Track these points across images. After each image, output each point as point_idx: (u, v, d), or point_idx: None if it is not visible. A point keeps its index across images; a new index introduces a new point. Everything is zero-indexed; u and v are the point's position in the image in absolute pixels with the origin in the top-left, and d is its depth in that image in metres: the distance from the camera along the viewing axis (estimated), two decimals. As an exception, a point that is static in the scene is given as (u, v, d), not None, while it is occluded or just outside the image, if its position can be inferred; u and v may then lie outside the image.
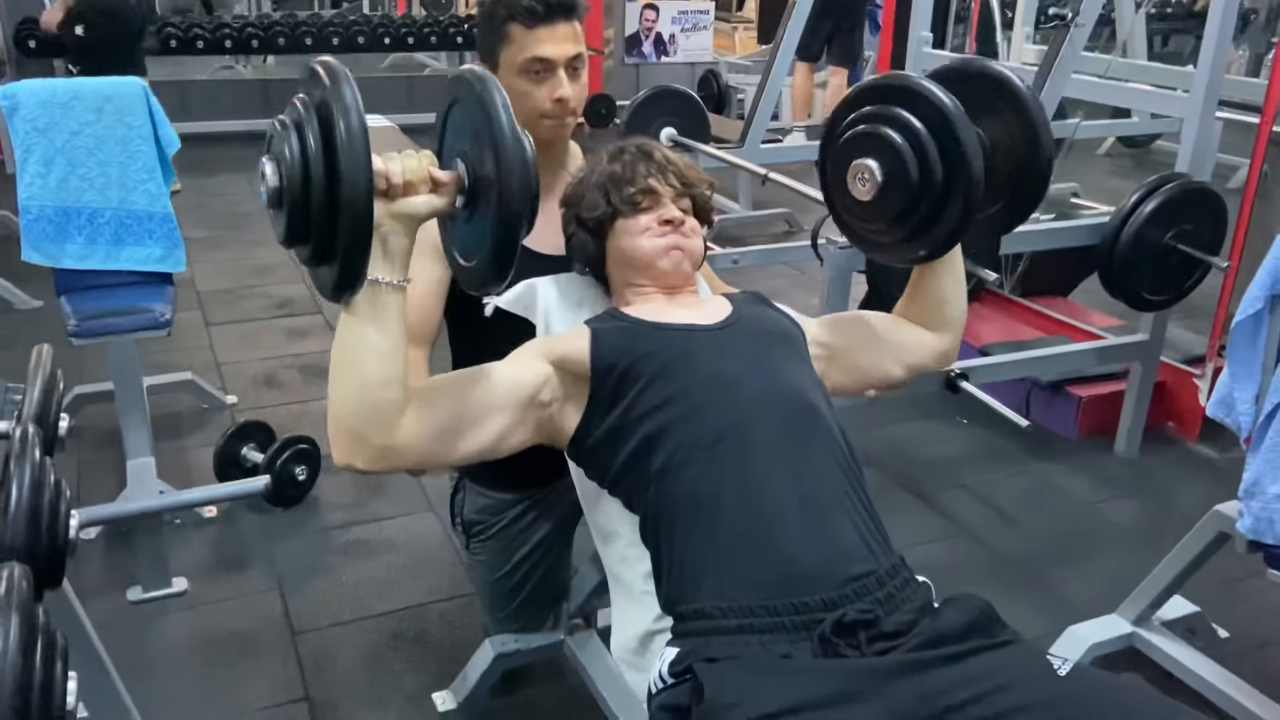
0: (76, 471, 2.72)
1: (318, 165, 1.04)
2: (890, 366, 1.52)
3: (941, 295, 1.51)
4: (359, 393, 1.15)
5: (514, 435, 1.29)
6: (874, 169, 1.32)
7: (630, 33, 7.19)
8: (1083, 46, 2.72)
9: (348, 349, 1.15)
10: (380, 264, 1.13)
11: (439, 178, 1.15)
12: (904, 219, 1.34)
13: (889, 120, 1.32)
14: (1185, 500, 2.77)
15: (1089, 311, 3.56)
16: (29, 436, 1.20)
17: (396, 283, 1.14)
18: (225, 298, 4.13)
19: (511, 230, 1.12)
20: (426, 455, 1.22)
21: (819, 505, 1.23)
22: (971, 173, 1.29)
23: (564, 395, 1.33)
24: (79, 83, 2.45)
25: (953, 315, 1.53)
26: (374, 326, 1.14)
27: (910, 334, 1.53)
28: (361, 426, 1.16)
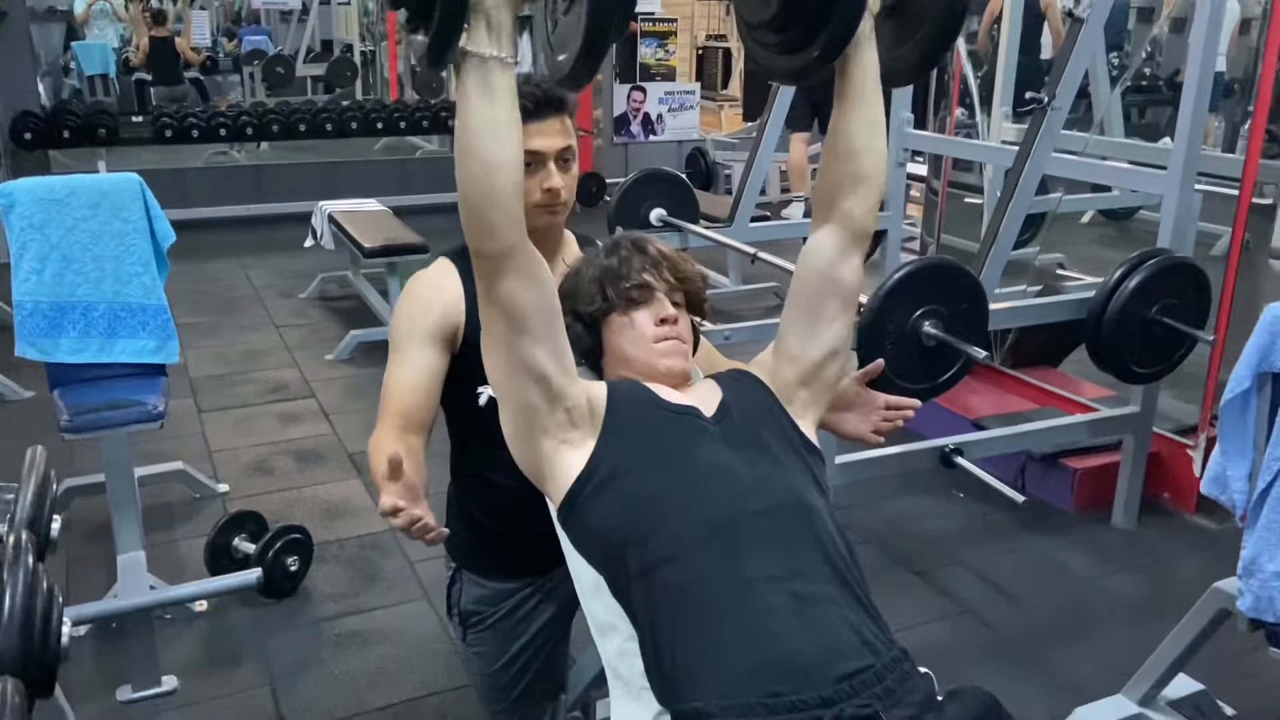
0: (66, 567, 2.69)
1: None
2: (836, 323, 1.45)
3: (850, 141, 1.42)
4: (482, 175, 1.17)
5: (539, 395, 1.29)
6: None
7: (619, 113, 7.34)
8: (1060, 127, 2.78)
9: (466, 129, 1.17)
10: (485, 40, 1.14)
11: None
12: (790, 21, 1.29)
13: None
14: (1185, 573, 2.75)
15: (1079, 382, 3.58)
16: (22, 544, 1.19)
17: (503, 58, 1.16)
18: (217, 384, 4.13)
19: (602, 19, 1.13)
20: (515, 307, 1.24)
21: (813, 603, 1.22)
22: None
23: (578, 432, 1.32)
24: (76, 180, 2.49)
25: (865, 170, 1.43)
26: (487, 104, 1.16)
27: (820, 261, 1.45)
28: (489, 215, 1.18)
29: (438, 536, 1.28)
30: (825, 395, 1.48)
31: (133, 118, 7.48)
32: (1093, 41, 2.81)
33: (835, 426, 1.58)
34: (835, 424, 1.58)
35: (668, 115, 7.50)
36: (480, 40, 1.14)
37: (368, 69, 10.13)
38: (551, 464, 1.33)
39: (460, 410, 1.65)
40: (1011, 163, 2.89)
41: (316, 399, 3.98)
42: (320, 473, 3.35)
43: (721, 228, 4.24)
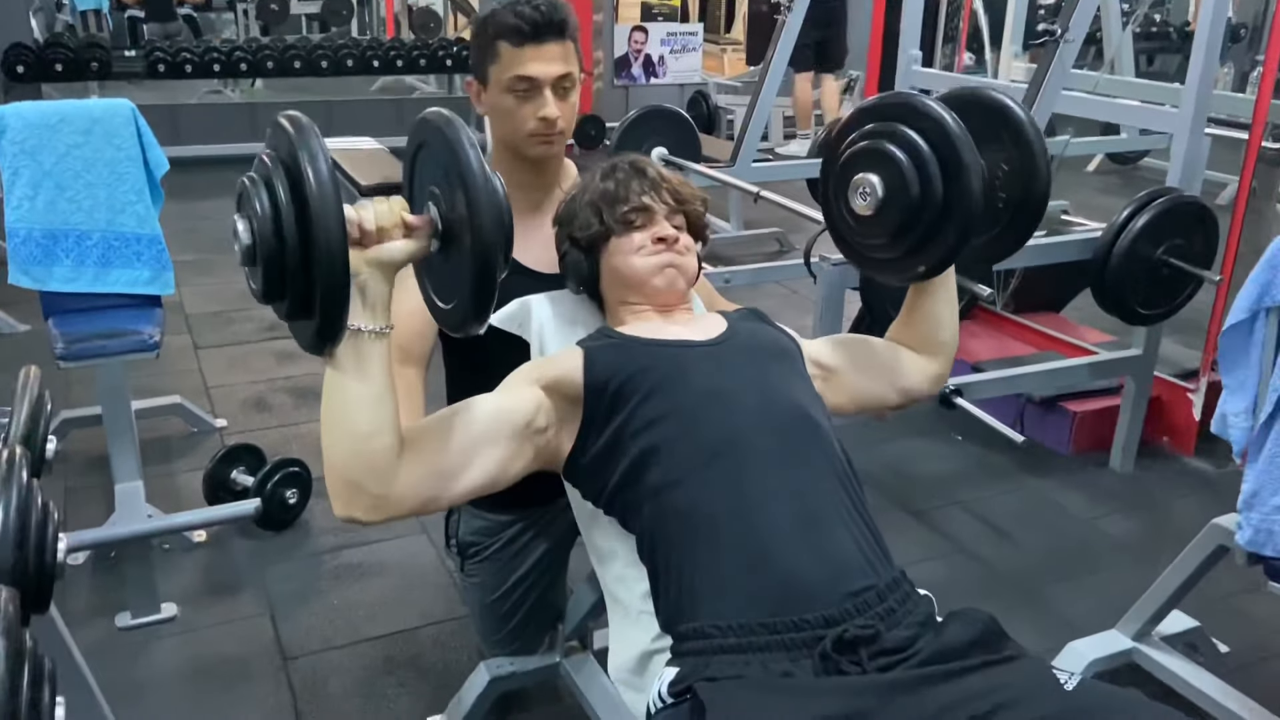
0: (64, 497, 2.69)
1: (289, 219, 1.03)
2: (885, 391, 1.52)
3: (936, 318, 1.50)
4: (351, 445, 1.13)
5: (514, 465, 1.27)
6: (875, 183, 1.32)
7: (619, 55, 7.23)
8: (1072, 63, 2.73)
9: (335, 402, 1.13)
10: (360, 313, 1.11)
11: (411, 222, 1.13)
12: (903, 234, 1.34)
13: (892, 136, 1.32)
14: (1182, 515, 2.76)
15: (1081, 327, 3.56)
16: (16, 459, 1.18)
17: (378, 330, 1.12)
18: (214, 321, 4.11)
19: (488, 270, 1.09)
20: (427, 499, 1.20)
21: (817, 520, 1.22)
22: (971, 190, 1.29)
23: (559, 418, 1.31)
24: (67, 105, 2.44)
25: (945, 339, 1.53)
26: (358, 377, 1.12)
27: (904, 358, 1.53)
28: (357, 478, 1.14)
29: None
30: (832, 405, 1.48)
31: (125, 52, 7.36)
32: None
33: None
34: None
35: (669, 57, 7.39)
36: (356, 314, 1.10)
37: (364, 7, 9.96)
38: (551, 454, 1.33)
39: (459, 344, 1.64)
40: (1021, 99, 2.84)
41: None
42: (317, 410, 3.29)
43: (724, 168, 4.19)
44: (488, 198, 1.08)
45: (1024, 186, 1.44)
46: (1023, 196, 1.44)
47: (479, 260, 1.09)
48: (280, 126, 1.07)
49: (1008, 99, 1.46)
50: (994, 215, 1.44)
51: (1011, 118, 1.43)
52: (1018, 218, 1.47)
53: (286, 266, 1.04)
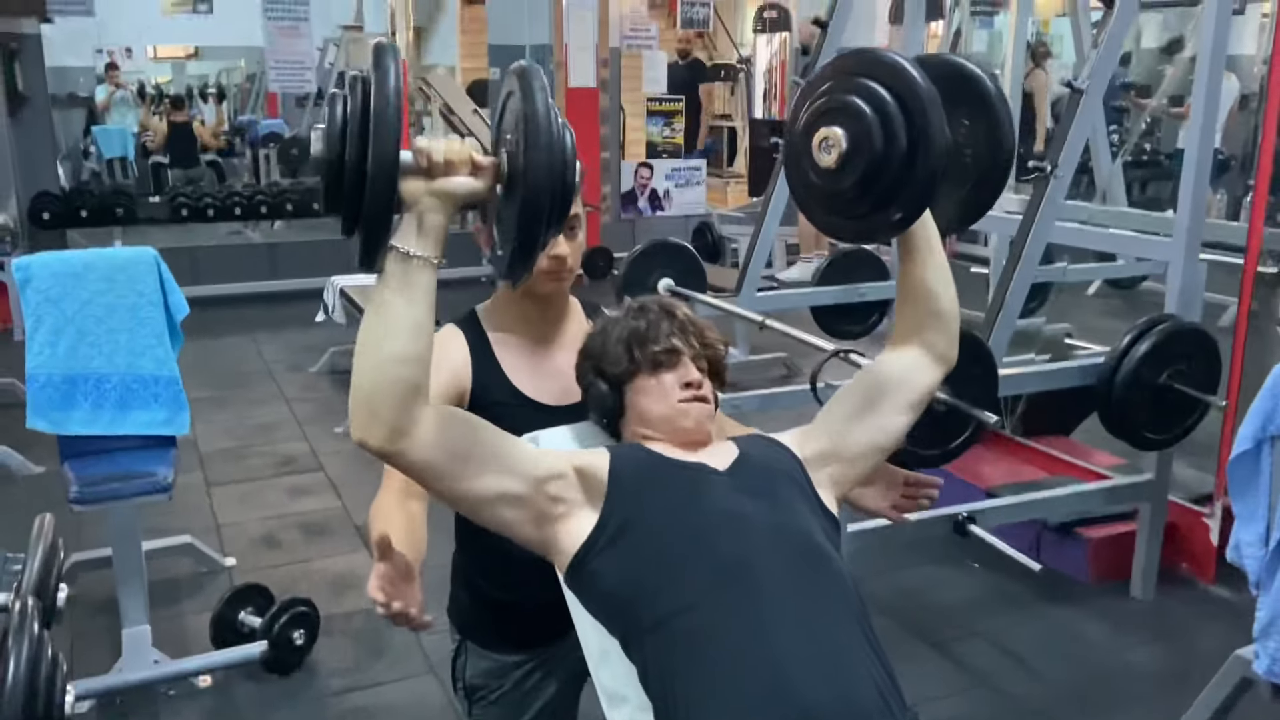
0: (71, 641, 2.65)
1: (354, 137, 1.09)
2: (895, 417, 1.47)
3: (929, 290, 1.47)
4: (380, 365, 1.16)
5: (511, 507, 1.28)
6: (840, 135, 1.32)
7: (626, 189, 7.45)
8: (1064, 195, 2.81)
9: (375, 320, 1.17)
10: (414, 239, 1.15)
11: (479, 161, 1.18)
12: (871, 184, 1.33)
13: (850, 89, 1.33)
14: (1206, 644, 2.70)
15: (1092, 450, 3.55)
16: (28, 610, 1.18)
17: (427, 258, 1.16)
18: (227, 457, 4.13)
19: (534, 220, 1.14)
20: (433, 466, 1.21)
21: (833, 653, 1.20)
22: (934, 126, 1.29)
23: (575, 503, 1.31)
24: (92, 254, 2.53)
25: (943, 308, 1.49)
26: (402, 299, 1.16)
27: (899, 364, 1.49)
28: (378, 401, 1.17)
29: (422, 625, 1.29)
30: (850, 482, 1.47)
31: (150, 198, 7.61)
32: (1092, 112, 2.86)
33: (855, 501, 1.58)
34: (855, 499, 1.57)
35: (674, 191, 7.61)
36: (408, 238, 1.15)
37: (381, 150, 10.32)
38: (555, 538, 1.32)
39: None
40: (1015, 232, 2.92)
41: (325, 471, 3.97)
42: (327, 545, 3.33)
43: (729, 297, 4.26)
44: (547, 144, 1.12)
45: (988, 143, 1.46)
46: (989, 154, 1.46)
47: (527, 205, 1.13)
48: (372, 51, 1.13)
49: (972, 64, 1.49)
50: (962, 171, 1.46)
51: (974, 80, 1.46)
52: (986, 176, 1.48)
53: (345, 177, 1.10)
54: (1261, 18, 6.35)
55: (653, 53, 7.71)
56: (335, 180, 1.12)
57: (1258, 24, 6.51)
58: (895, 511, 1.59)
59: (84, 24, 7.39)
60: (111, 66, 10.15)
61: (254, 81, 11.24)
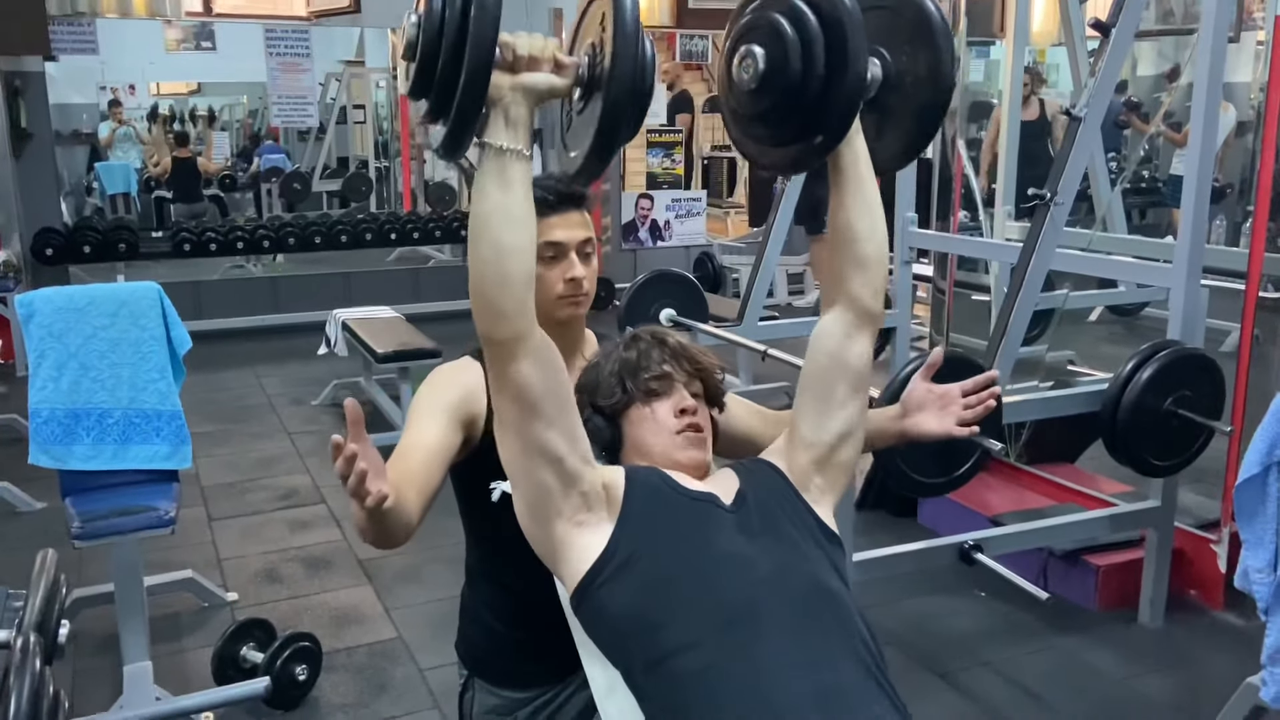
0: (72, 678, 2.64)
1: (451, 26, 1.12)
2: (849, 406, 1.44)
3: (851, 228, 1.44)
4: (494, 260, 1.19)
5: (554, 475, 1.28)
6: (758, 54, 1.31)
7: (627, 220, 7.48)
8: (1064, 223, 2.82)
9: (481, 216, 1.20)
10: (503, 132, 1.18)
11: (561, 59, 1.21)
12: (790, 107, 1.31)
13: (778, 6, 1.31)
14: (1216, 672, 2.67)
15: (1097, 478, 3.54)
16: (30, 647, 1.17)
17: (518, 150, 1.20)
18: (229, 491, 4.12)
19: (613, 122, 1.17)
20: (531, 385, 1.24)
21: (836, 695, 1.19)
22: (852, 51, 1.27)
23: (593, 512, 1.30)
24: (95, 289, 2.54)
25: (868, 253, 1.45)
26: (501, 191, 1.19)
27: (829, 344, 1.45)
28: (499, 299, 1.20)
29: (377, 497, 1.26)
30: (842, 479, 1.46)
31: (152, 233, 7.65)
32: (1091, 139, 2.87)
33: (916, 430, 1.53)
34: (915, 427, 1.53)
35: (675, 222, 7.64)
36: (498, 133, 1.19)
37: (382, 183, 10.38)
38: (566, 546, 1.31)
39: (475, 508, 1.64)
40: (1016, 259, 2.92)
41: (327, 505, 3.95)
42: (330, 579, 3.31)
43: (731, 327, 4.27)
44: (634, 50, 1.15)
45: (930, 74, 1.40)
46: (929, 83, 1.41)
47: (608, 110, 1.17)
48: None
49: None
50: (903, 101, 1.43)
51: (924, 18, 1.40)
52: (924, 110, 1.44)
53: (437, 68, 1.13)
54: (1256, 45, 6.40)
55: (652, 85, 7.77)
56: (429, 67, 1.15)
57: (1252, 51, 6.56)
58: (961, 428, 1.52)
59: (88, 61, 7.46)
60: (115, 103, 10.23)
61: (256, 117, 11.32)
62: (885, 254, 1.49)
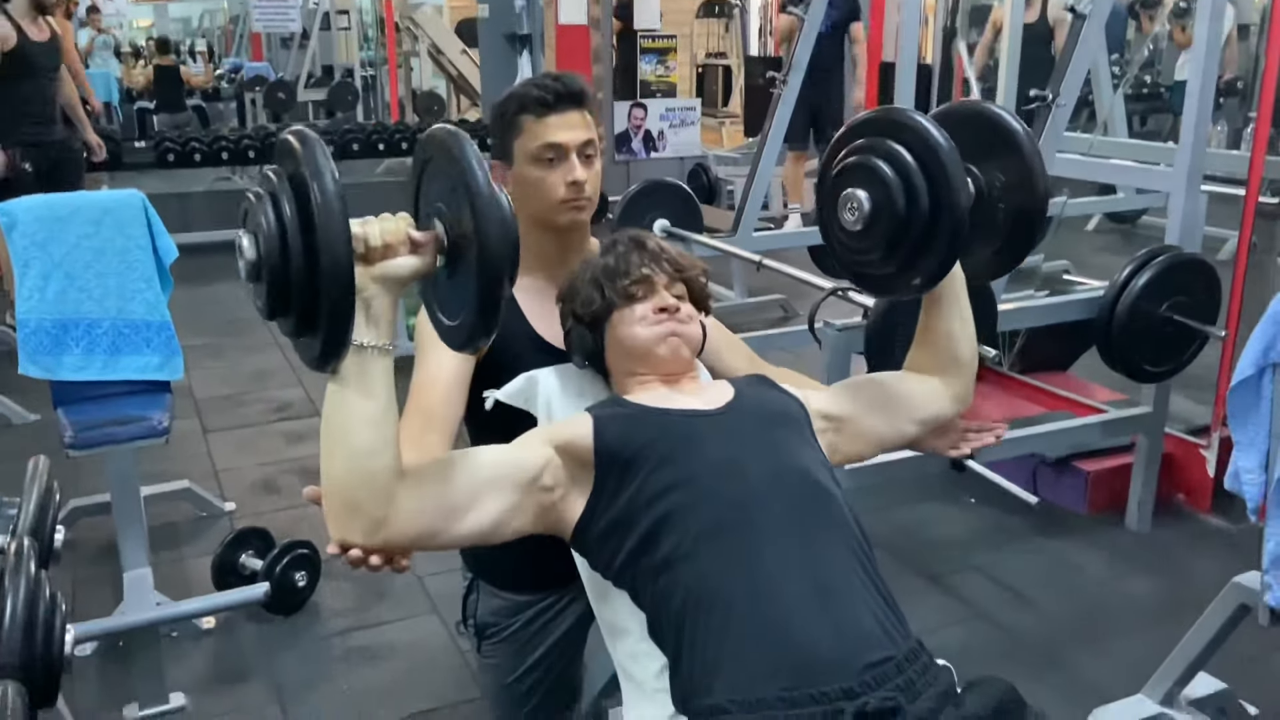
0: (72, 586, 2.67)
1: (295, 235, 1.03)
2: (903, 425, 1.49)
3: (949, 335, 1.49)
4: (349, 462, 1.12)
5: (514, 519, 1.26)
6: (862, 199, 1.34)
7: (619, 131, 7.35)
8: (1065, 126, 2.77)
9: (336, 418, 1.12)
10: (364, 328, 1.10)
11: (416, 238, 1.12)
12: (894, 248, 1.35)
13: (878, 151, 1.34)
14: (1202, 574, 2.72)
15: (1090, 385, 3.55)
16: (24, 550, 1.17)
17: (382, 346, 1.12)
18: (223, 404, 4.12)
19: (494, 285, 1.08)
20: (424, 532, 1.18)
21: (833, 590, 1.20)
22: (957, 202, 1.30)
23: (568, 481, 1.30)
24: (78, 196, 2.50)
25: (962, 354, 1.50)
26: (360, 393, 1.11)
27: (917, 387, 1.50)
28: (355, 497, 1.13)
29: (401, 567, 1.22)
30: (838, 458, 1.47)
31: (135, 143, 7.51)
32: (1094, 38, 2.80)
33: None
34: None
35: (669, 132, 7.52)
36: (360, 330, 1.10)
37: (369, 93, 10.18)
38: (557, 520, 1.31)
39: (473, 418, 1.63)
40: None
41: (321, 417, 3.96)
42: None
43: (725, 238, 4.23)
44: (494, 212, 1.07)
45: (1022, 196, 1.43)
46: (1021, 206, 1.44)
47: (485, 274, 1.07)
48: (287, 143, 1.07)
49: (1002, 111, 1.47)
50: (993, 227, 1.44)
51: (1004, 128, 1.44)
52: (1019, 227, 1.46)
53: (291, 283, 1.04)
54: (1264, -54, 6.24)
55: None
56: (280, 287, 1.04)
57: (1260, -48, 6.40)
58: (953, 451, 1.57)
59: (64, -34, 7.21)
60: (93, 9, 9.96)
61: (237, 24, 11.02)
62: (976, 354, 1.54)
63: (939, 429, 1.55)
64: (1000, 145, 1.43)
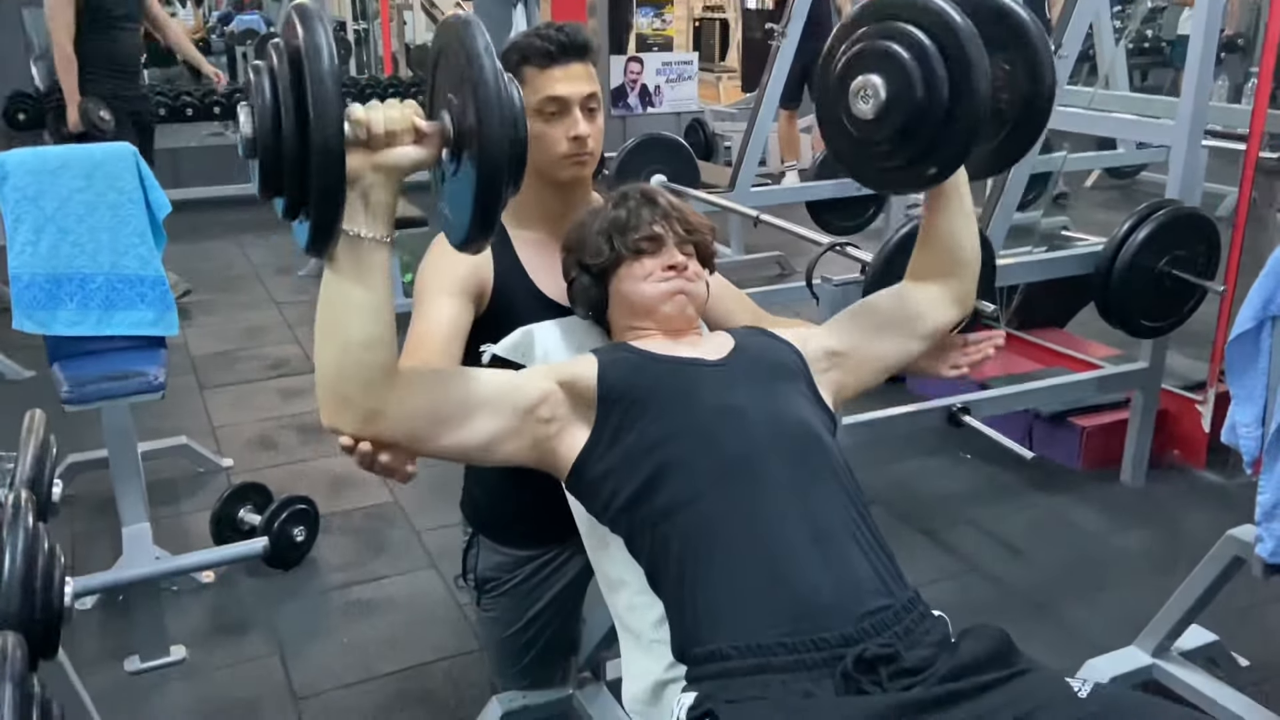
0: (71, 541, 2.68)
1: (289, 111, 1.00)
2: (909, 342, 1.48)
3: (954, 236, 1.47)
4: (344, 352, 1.12)
5: (506, 444, 1.26)
6: (878, 84, 1.27)
7: (616, 85, 7.28)
8: (1066, 79, 2.74)
9: (332, 307, 1.12)
10: (362, 218, 1.09)
11: (422, 128, 1.11)
12: (909, 137, 1.29)
13: (892, 34, 1.27)
14: (1195, 527, 2.74)
15: (1086, 342, 3.55)
16: (22, 502, 1.17)
17: (378, 238, 1.11)
18: (219, 361, 4.11)
19: (493, 182, 1.06)
20: (412, 435, 1.18)
21: (831, 539, 1.21)
22: (978, 87, 1.24)
23: (567, 417, 1.30)
24: (68, 150, 2.46)
25: (966, 257, 1.49)
26: (357, 283, 1.11)
27: (920, 296, 1.49)
28: (347, 388, 1.13)
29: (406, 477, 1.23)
30: (848, 391, 1.47)
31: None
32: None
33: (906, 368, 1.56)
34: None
35: (665, 87, 7.44)
36: (356, 219, 1.09)
37: (361, 46, 10.05)
38: (552, 454, 1.31)
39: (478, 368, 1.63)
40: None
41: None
42: (324, 446, 3.33)
43: (723, 193, 4.20)
44: (498, 105, 1.04)
45: (1028, 88, 1.39)
46: (1027, 98, 1.40)
47: (484, 170, 1.05)
48: (289, 19, 1.05)
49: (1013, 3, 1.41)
50: (999, 118, 1.40)
51: (1014, 18, 1.38)
52: (1023, 121, 1.43)
53: (284, 161, 1.02)
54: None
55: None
56: (273, 164, 1.03)
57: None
58: (953, 370, 1.56)
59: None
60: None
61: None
62: (979, 256, 1.52)
63: (937, 349, 1.55)
64: (1009, 35, 1.37)
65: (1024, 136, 1.45)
